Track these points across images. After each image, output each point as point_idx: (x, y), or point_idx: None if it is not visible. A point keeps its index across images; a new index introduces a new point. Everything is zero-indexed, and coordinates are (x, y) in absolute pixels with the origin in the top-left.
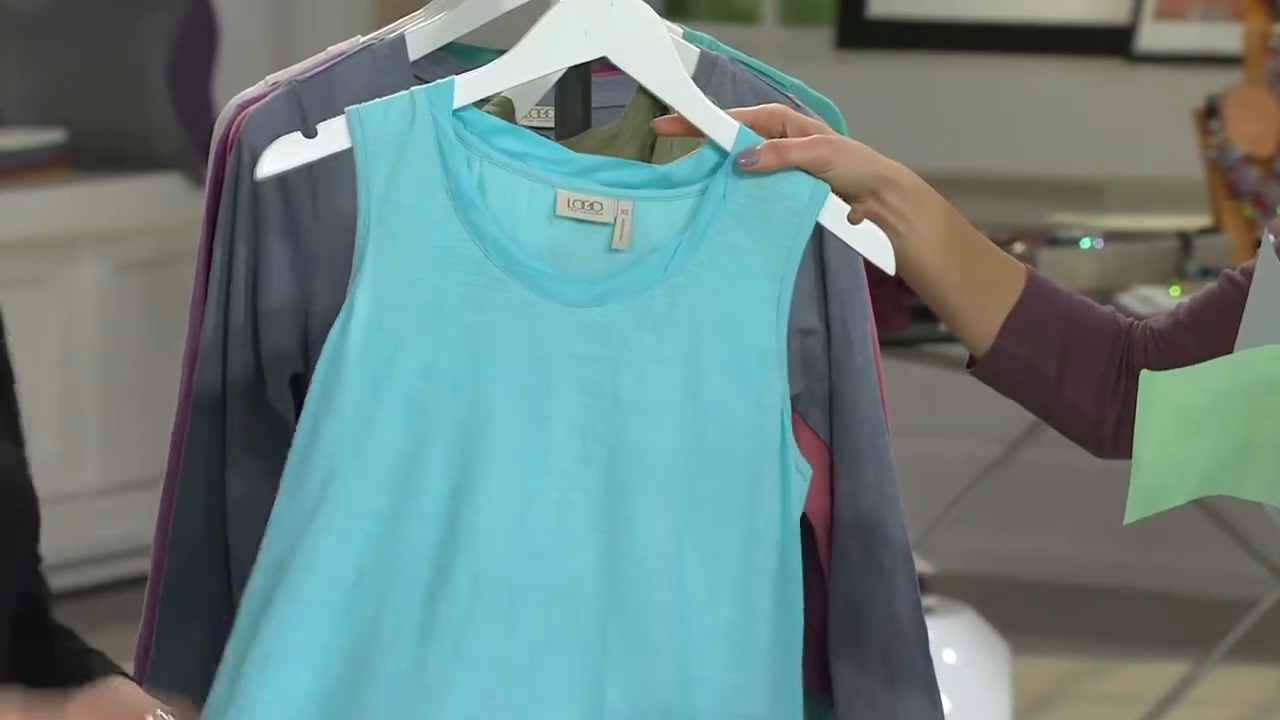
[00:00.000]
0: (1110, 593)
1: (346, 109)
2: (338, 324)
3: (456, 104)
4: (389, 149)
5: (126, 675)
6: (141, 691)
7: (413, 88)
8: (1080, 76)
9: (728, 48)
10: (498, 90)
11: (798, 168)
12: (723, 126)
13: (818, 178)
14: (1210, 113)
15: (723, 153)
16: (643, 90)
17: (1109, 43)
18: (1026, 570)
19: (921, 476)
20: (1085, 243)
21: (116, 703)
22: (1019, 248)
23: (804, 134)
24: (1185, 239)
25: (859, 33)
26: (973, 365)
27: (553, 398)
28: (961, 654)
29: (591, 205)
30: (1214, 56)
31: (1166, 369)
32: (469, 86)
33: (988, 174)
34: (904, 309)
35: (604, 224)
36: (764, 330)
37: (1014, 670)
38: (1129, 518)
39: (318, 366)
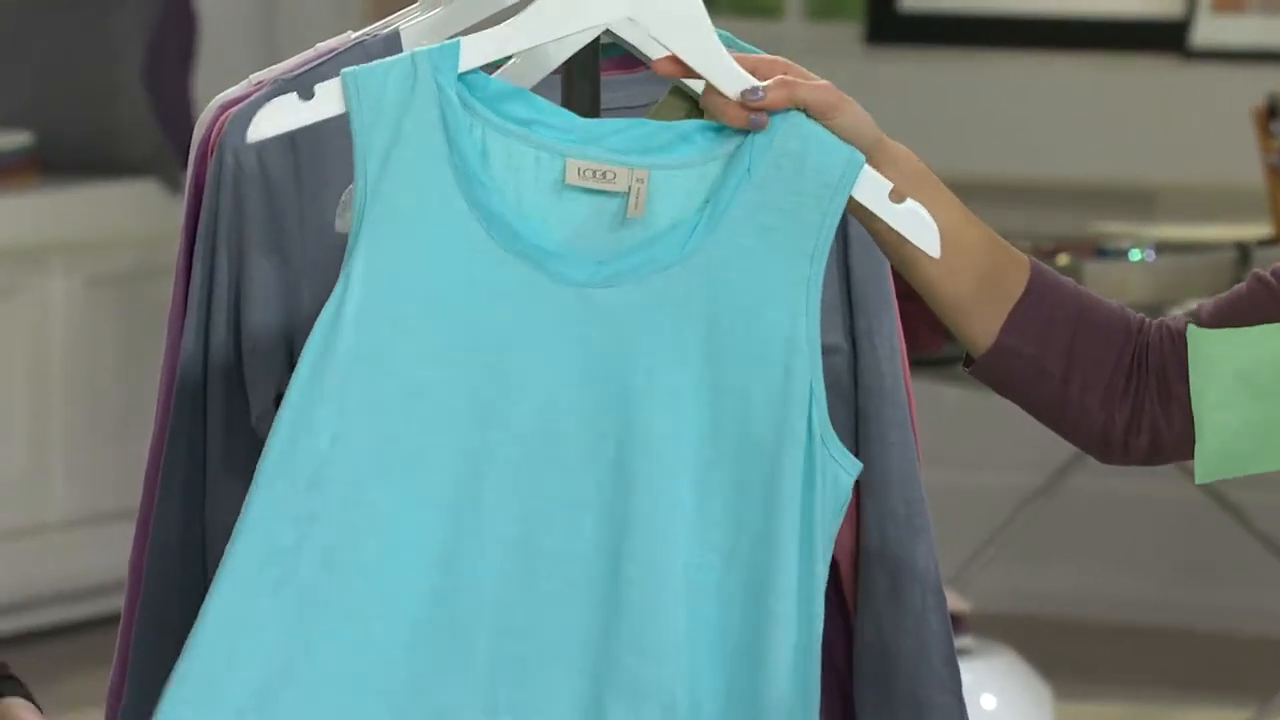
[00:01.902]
0: (1163, 633)
1: (342, 70)
2: (330, 305)
3: (462, 67)
4: (388, 116)
5: (28, 697)
6: (31, 713)
7: (414, 50)
8: (1130, 74)
9: (747, 45)
10: (508, 53)
11: (803, 108)
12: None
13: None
14: (1271, 113)
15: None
16: (677, 89)
17: (1162, 38)
18: (1071, 609)
19: (957, 507)
20: (1135, 255)
21: None
22: (1063, 259)
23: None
24: (1244, 250)
25: (890, 27)
26: (969, 364)
27: (557, 387)
28: (1001, 699)
29: (604, 174)
30: (1275, 53)
31: (1185, 370)
32: (476, 48)
33: (1029, 180)
34: (938, 326)
35: (617, 194)
36: (792, 315)
37: (1057, 717)
38: (1199, 479)
39: (305, 351)
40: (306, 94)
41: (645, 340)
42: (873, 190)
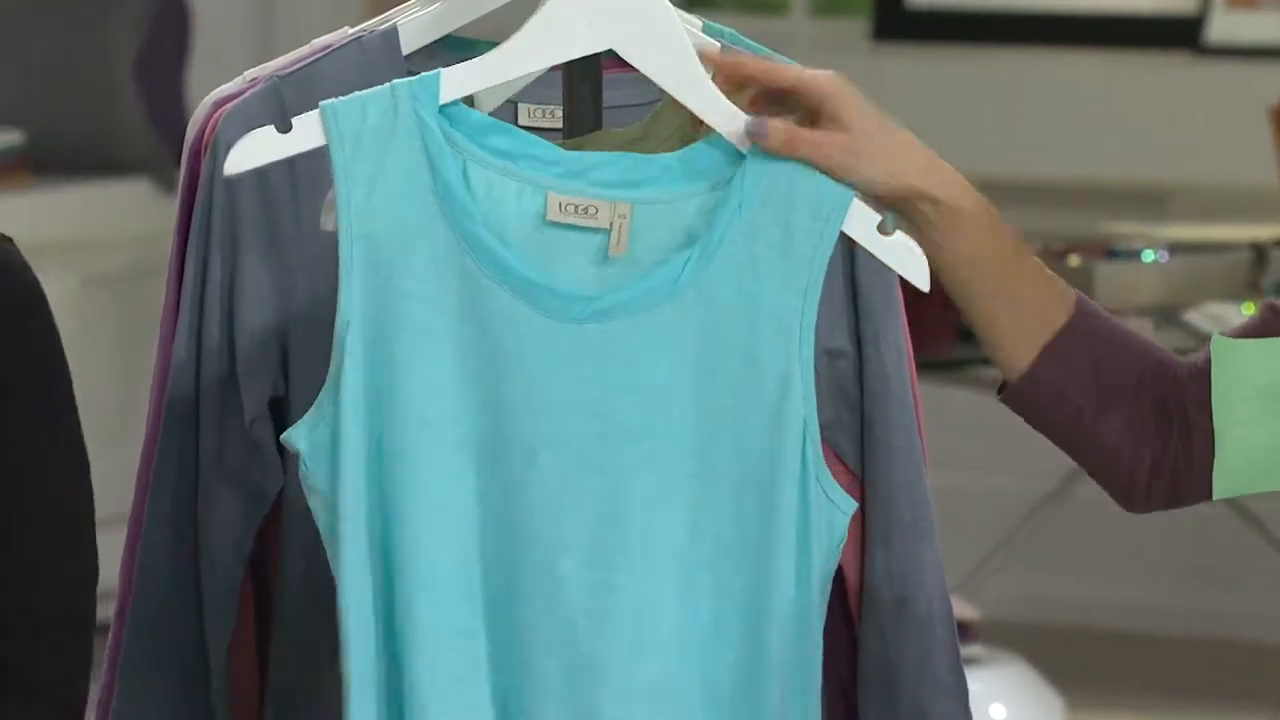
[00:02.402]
0: (1177, 641)
1: (320, 103)
2: (335, 345)
3: (443, 99)
4: (369, 149)
5: None
6: None
7: (393, 81)
8: (1143, 71)
9: (751, 42)
10: (488, 85)
11: (806, 162)
12: (739, 126)
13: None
14: None
15: (738, 154)
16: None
17: (1175, 34)
18: (1083, 616)
19: (966, 512)
20: (1148, 255)
21: None
22: (1074, 261)
23: (774, 79)
24: (1260, 251)
25: (898, 24)
26: (1003, 390)
27: (549, 422)
28: (1011, 709)
29: (585, 209)
30: None
31: (1207, 408)
32: (456, 81)
33: (1039, 179)
34: (948, 328)
35: (599, 229)
36: (785, 349)
37: None
38: (1218, 494)
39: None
40: (284, 126)
41: (638, 376)
42: (861, 224)
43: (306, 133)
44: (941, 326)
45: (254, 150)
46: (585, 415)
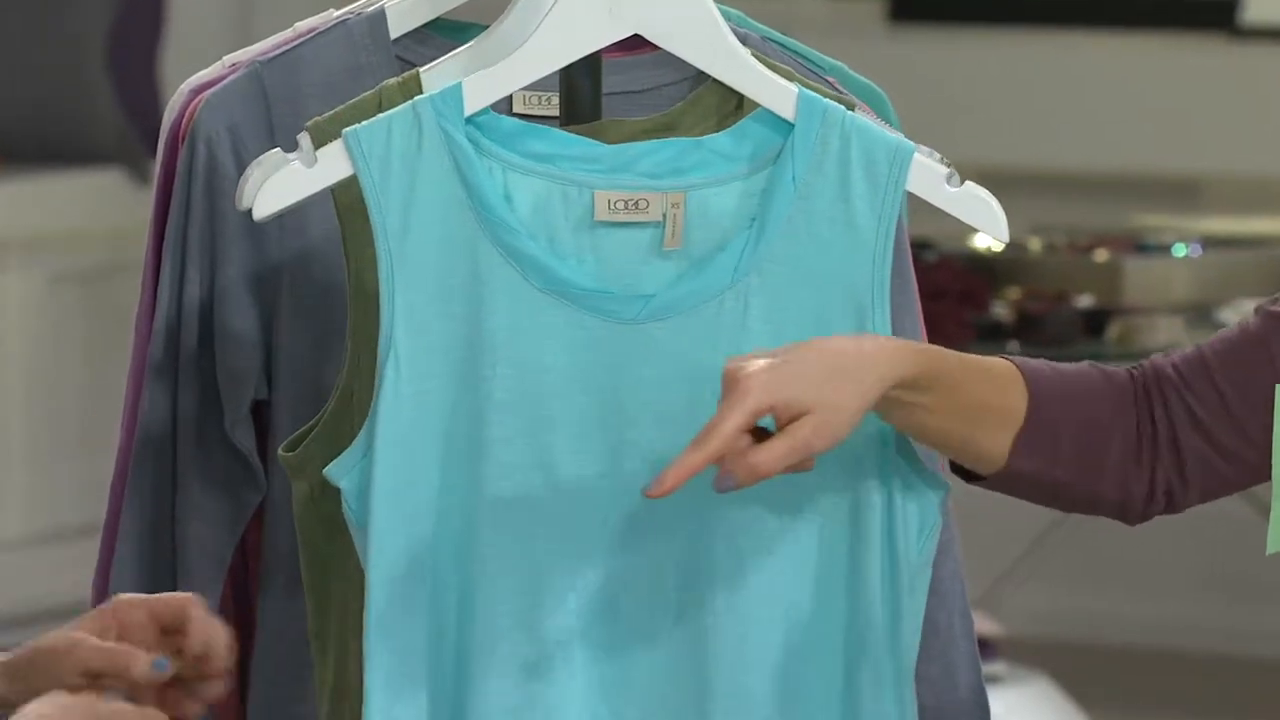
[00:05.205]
0: (1206, 659)
1: (343, 131)
2: (386, 380)
3: (468, 110)
4: (398, 171)
5: None
6: None
7: (414, 99)
8: (1175, 54)
9: (760, 25)
10: (513, 90)
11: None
12: (782, 96)
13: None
14: None
15: (784, 126)
16: (714, 85)
17: (1209, 15)
18: (1109, 633)
19: (987, 524)
20: (1179, 250)
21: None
22: (1101, 255)
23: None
24: None
25: (915, 4)
26: (976, 478)
27: (620, 429)
28: None
29: (636, 203)
30: None
31: (1199, 423)
32: (479, 89)
33: (1064, 169)
34: (967, 327)
35: (651, 223)
36: (859, 323)
37: None
38: (1271, 547)
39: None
40: (308, 160)
41: (705, 373)
42: (928, 180)
43: (333, 163)
44: (961, 326)
45: (283, 189)
46: (661, 418)
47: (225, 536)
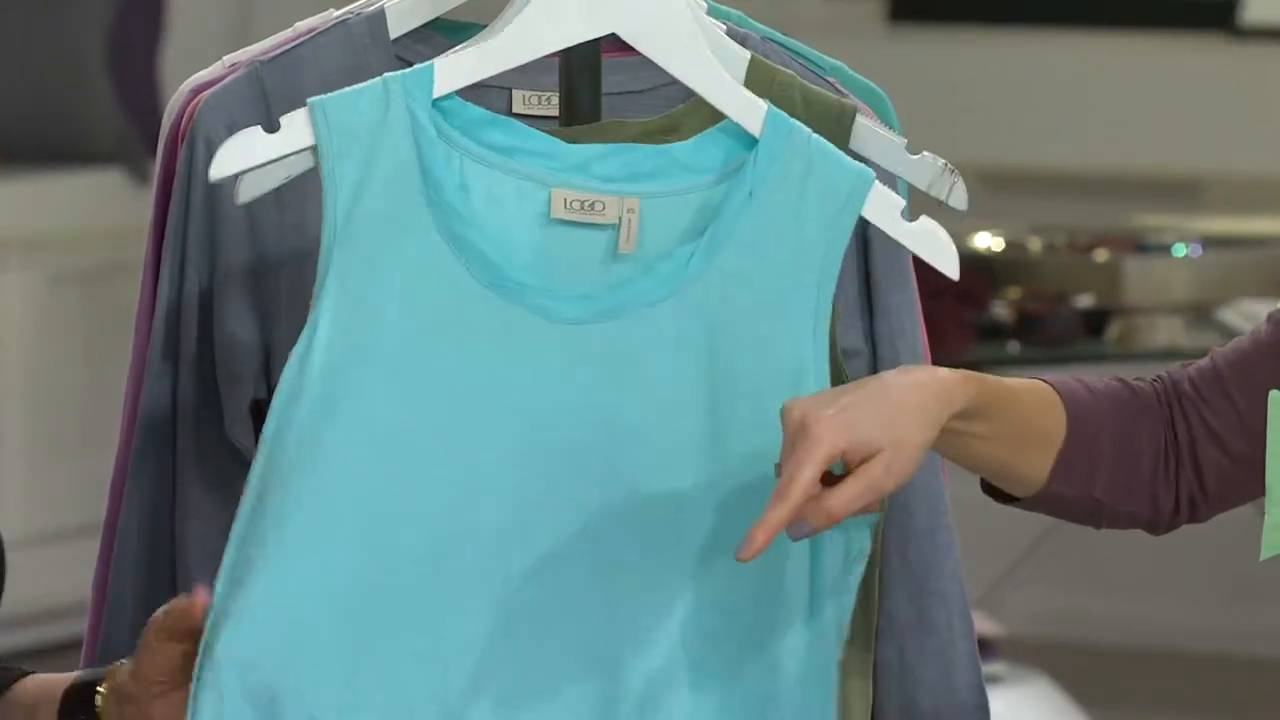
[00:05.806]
0: (1208, 659)
1: (309, 99)
2: (295, 355)
3: (436, 93)
4: (358, 146)
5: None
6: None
7: (386, 74)
8: (1174, 54)
9: (760, 25)
10: (484, 76)
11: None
12: (750, 110)
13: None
14: None
15: (749, 140)
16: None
17: (1209, 14)
18: (1110, 633)
19: (986, 523)
20: (1179, 250)
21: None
22: (1101, 255)
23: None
24: None
25: (915, 4)
26: (1008, 498)
27: (546, 430)
28: None
29: (592, 205)
30: None
31: (1215, 436)
32: (450, 73)
33: (1065, 169)
34: (967, 326)
35: (607, 225)
36: (798, 346)
37: None
38: (1265, 553)
39: (272, 406)
40: (271, 126)
41: (640, 378)
42: (883, 209)
43: (295, 131)
44: (961, 325)
45: (241, 152)
46: (589, 420)
47: (225, 537)
